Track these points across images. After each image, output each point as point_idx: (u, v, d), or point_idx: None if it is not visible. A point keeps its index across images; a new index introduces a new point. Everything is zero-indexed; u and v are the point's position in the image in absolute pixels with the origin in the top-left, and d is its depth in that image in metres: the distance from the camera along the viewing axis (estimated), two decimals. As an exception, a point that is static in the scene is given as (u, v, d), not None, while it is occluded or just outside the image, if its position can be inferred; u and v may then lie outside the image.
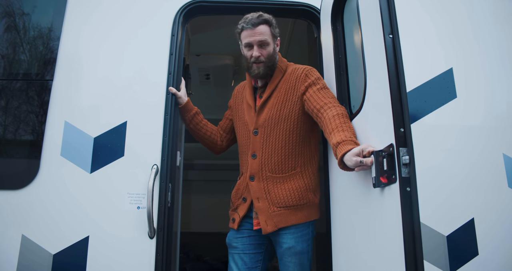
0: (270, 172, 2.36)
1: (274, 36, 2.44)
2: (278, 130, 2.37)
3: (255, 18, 2.37)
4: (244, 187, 2.45)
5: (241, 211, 2.43)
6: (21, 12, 2.77)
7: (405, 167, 1.61)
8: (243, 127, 2.51)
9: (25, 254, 2.31)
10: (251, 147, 2.42)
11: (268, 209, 2.32)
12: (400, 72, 1.70)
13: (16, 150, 2.64)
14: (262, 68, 2.40)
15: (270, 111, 2.39)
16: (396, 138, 1.65)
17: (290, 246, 2.30)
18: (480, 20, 2.57)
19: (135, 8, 2.77)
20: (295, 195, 2.32)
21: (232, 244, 2.46)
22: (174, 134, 2.54)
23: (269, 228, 2.30)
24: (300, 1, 2.84)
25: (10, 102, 2.60)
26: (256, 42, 2.38)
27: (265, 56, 2.39)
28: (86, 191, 2.41)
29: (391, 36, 1.74)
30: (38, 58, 2.69)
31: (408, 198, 1.59)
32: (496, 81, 2.46)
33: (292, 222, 2.31)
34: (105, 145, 2.47)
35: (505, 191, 2.24)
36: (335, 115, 2.11)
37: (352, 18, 2.33)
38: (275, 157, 2.36)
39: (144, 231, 2.36)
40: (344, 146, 1.92)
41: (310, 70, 2.41)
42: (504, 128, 2.37)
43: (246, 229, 2.42)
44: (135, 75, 2.63)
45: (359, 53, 2.15)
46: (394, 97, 1.69)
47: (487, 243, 2.14)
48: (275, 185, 2.35)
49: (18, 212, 2.37)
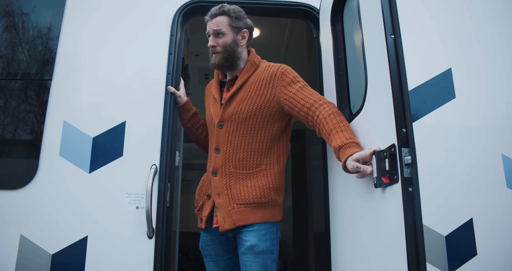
0: (234, 167, 2.28)
1: (234, 27, 2.39)
2: (246, 126, 2.29)
3: (215, 9, 2.39)
4: (208, 183, 2.38)
5: (206, 208, 2.35)
6: (20, 11, 2.77)
7: (407, 167, 1.61)
8: (209, 121, 2.46)
9: (23, 254, 2.30)
10: (215, 141, 2.34)
11: (228, 206, 2.23)
12: (402, 73, 1.70)
13: (15, 150, 2.64)
14: (218, 58, 2.37)
15: (238, 105, 2.31)
16: (398, 138, 1.64)
17: (253, 244, 2.17)
18: (481, 20, 2.58)
19: (134, 8, 2.77)
20: (257, 192, 2.23)
21: (204, 252, 2.40)
22: (173, 134, 2.53)
23: (226, 225, 2.20)
24: (299, 1, 2.84)
25: (9, 102, 2.60)
26: (211, 31, 2.38)
27: (220, 46, 2.37)
28: (85, 191, 2.40)
29: (393, 37, 1.74)
30: (37, 58, 2.69)
31: (410, 198, 1.59)
32: (495, 82, 2.46)
33: (251, 221, 2.19)
34: (104, 145, 2.47)
35: (504, 191, 2.24)
36: (330, 114, 2.06)
37: (352, 18, 2.33)
38: (240, 152, 2.28)
39: (143, 231, 2.36)
40: (347, 149, 1.90)
41: (287, 69, 2.33)
42: (503, 129, 2.37)
43: (215, 235, 2.34)
44: (134, 75, 2.63)
45: (360, 53, 2.14)
46: (396, 98, 1.69)
47: (486, 243, 2.14)
48: (237, 182, 2.26)
49: (17, 212, 2.37)
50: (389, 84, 1.72)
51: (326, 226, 2.44)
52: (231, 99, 2.34)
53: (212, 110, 2.43)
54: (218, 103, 2.42)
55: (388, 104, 1.72)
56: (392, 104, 1.70)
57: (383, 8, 1.78)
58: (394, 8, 1.77)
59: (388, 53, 1.73)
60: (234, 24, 2.38)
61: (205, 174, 2.45)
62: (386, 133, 1.75)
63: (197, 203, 2.44)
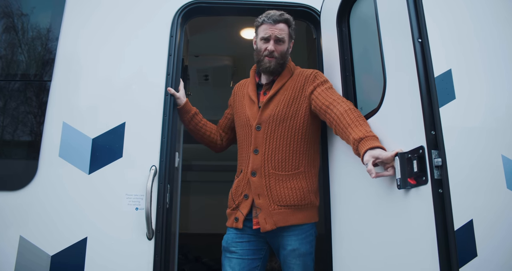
0: (273, 168, 2.34)
1: (290, 37, 2.50)
2: (284, 127, 2.36)
3: (277, 15, 2.43)
4: (245, 183, 2.40)
5: (244, 208, 2.37)
6: (19, 12, 2.77)
7: (437, 169, 1.64)
8: (244, 122, 2.50)
9: (23, 255, 2.30)
10: (253, 142, 2.40)
11: (269, 207, 2.29)
12: (430, 76, 1.71)
13: (14, 151, 2.64)
14: (274, 63, 2.43)
15: (276, 108, 2.39)
16: (427, 140, 1.67)
17: (295, 248, 2.28)
18: (481, 20, 2.58)
19: (134, 9, 2.77)
20: (298, 194, 2.31)
21: (230, 248, 2.38)
22: (173, 135, 2.53)
23: (268, 226, 2.27)
24: (299, 3, 2.84)
25: (8, 103, 2.60)
26: (274, 37, 2.42)
27: (278, 53, 2.43)
28: (85, 192, 2.40)
29: (420, 40, 1.76)
30: (37, 59, 2.69)
31: (441, 199, 1.61)
32: (495, 82, 2.46)
33: (292, 222, 2.28)
34: (103, 146, 2.47)
35: (504, 192, 2.24)
36: (347, 110, 2.12)
37: (362, 20, 2.36)
38: (278, 154, 2.35)
39: (143, 232, 2.35)
40: (367, 141, 1.93)
41: (319, 73, 2.47)
42: (503, 130, 2.37)
43: (247, 234, 2.37)
44: (134, 76, 2.63)
45: (373, 55, 2.16)
46: (425, 101, 1.70)
47: (486, 245, 2.14)
48: (277, 183, 2.32)
49: (16, 213, 2.36)
50: (415, 87, 1.74)
51: (326, 227, 2.44)
52: (269, 102, 2.42)
53: (248, 112, 2.48)
54: (255, 105, 2.48)
55: (415, 107, 1.74)
56: (420, 106, 1.71)
57: (409, 13, 1.81)
58: (421, 13, 1.80)
59: (415, 57, 1.75)
60: (291, 33, 2.49)
61: (241, 174, 2.46)
62: (412, 135, 1.76)
63: (234, 202, 2.44)
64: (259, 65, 2.50)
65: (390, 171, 1.85)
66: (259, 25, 2.47)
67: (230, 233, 2.43)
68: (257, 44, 2.50)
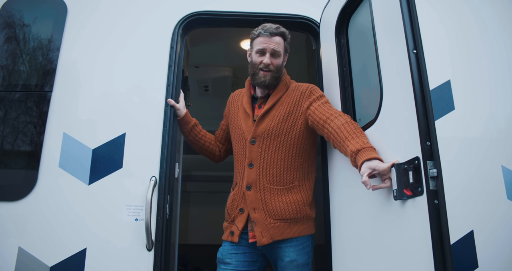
0: (268, 183, 2.33)
1: (285, 51, 2.49)
2: (278, 142, 2.36)
3: (274, 28, 2.43)
4: (241, 197, 2.40)
5: (240, 222, 2.36)
6: (21, 23, 2.79)
7: (432, 180, 1.63)
8: (239, 135, 2.49)
9: (22, 266, 2.29)
10: (248, 156, 2.39)
11: (265, 221, 2.29)
12: (425, 87, 1.72)
13: (14, 161, 2.64)
14: (269, 77, 2.42)
15: (271, 122, 2.38)
16: (422, 151, 1.67)
17: (292, 259, 2.27)
18: (481, 31, 2.60)
19: (134, 21, 2.79)
20: (293, 208, 2.30)
21: (224, 260, 2.36)
22: (173, 146, 2.54)
23: (264, 240, 2.26)
24: (299, 14, 2.86)
25: (9, 113, 2.60)
26: (270, 50, 2.41)
27: (274, 66, 2.42)
28: (84, 202, 2.40)
29: (415, 52, 1.77)
30: (38, 70, 2.70)
31: (436, 210, 1.61)
32: (495, 93, 2.47)
33: (288, 236, 2.28)
34: (103, 157, 2.47)
35: (504, 202, 2.24)
36: (344, 124, 2.12)
37: (360, 32, 2.36)
38: (273, 168, 2.34)
39: (142, 243, 2.35)
40: (365, 152, 1.93)
41: (315, 88, 2.45)
42: (503, 140, 2.37)
43: (242, 246, 2.36)
44: (134, 87, 2.64)
45: (370, 67, 2.16)
46: (420, 112, 1.71)
47: (487, 256, 2.13)
48: (272, 197, 2.32)
49: (16, 224, 2.36)
50: (411, 98, 1.75)
51: (325, 237, 2.43)
52: (264, 117, 2.41)
53: (243, 126, 2.47)
54: (250, 119, 2.47)
55: (410, 118, 1.74)
56: (415, 118, 1.72)
57: (404, 24, 1.82)
58: (415, 25, 1.80)
59: (410, 68, 1.76)
60: (286, 47, 2.49)
61: (236, 187, 2.45)
62: (407, 146, 1.76)
63: (229, 216, 2.44)
64: (253, 79, 2.48)
65: (387, 182, 1.85)
66: (254, 37, 2.46)
67: (226, 245, 2.41)
68: (252, 57, 2.49)
